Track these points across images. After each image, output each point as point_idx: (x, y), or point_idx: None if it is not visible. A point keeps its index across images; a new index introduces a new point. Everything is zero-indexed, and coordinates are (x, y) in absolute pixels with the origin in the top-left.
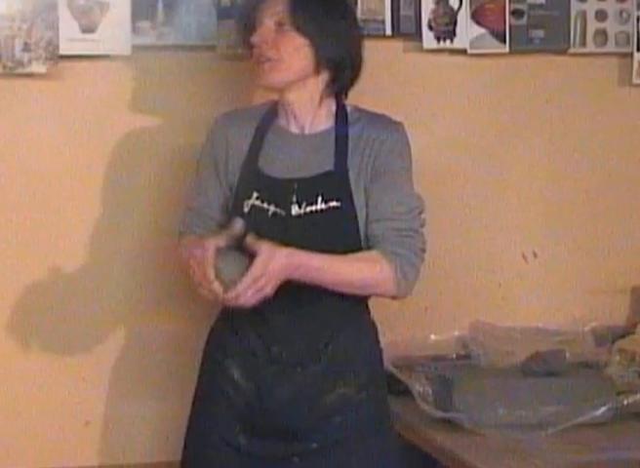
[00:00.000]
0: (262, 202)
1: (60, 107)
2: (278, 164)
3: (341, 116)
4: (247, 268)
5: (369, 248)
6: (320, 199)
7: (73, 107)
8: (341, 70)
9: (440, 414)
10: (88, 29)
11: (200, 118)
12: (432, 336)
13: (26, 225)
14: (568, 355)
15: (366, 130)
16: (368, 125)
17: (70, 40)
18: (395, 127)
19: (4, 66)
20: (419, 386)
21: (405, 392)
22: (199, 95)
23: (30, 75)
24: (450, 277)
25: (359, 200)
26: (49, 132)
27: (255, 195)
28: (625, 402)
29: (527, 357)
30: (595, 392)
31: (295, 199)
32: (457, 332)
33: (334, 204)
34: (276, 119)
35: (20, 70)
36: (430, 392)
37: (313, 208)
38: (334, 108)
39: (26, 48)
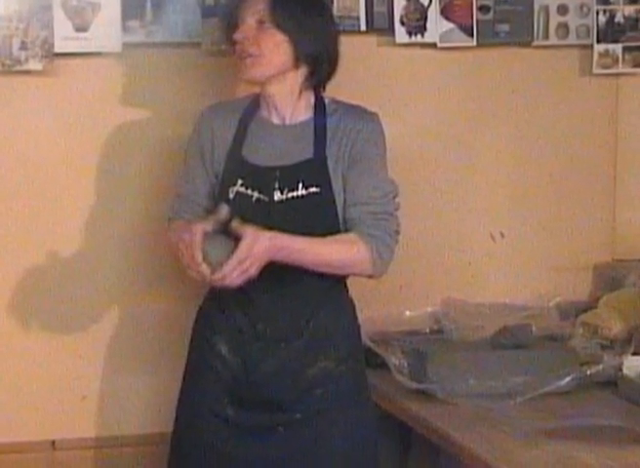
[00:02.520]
0: (247, 188)
1: (55, 102)
2: (261, 153)
3: (320, 107)
4: (233, 251)
5: (347, 230)
6: (301, 185)
7: (68, 102)
8: (319, 65)
9: (415, 386)
10: (81, 28)
11: (187, 111)
12: (407, 313)
13: (25, 213)
14: (534, 329)
15: (343, 120)
16: (345, 115)
17: (65, 38)
18: (370, 117)
19: (2, 64)
20: (394, 359)
21: (382, 365)
22: (186, 89)
23: (27, 72)
24: (422, 256)
25: (337, 186)
26: (45, 125)
27: (239, 182)
28: (588, 372)
29: (496, 331)
30: (560, 363)
31: (277, 185)
32: (429, 309)
33: (313, 190)
34: (259, 111)
35: (17, 68)
36: (405, 365)
37: (294, 193)
38: (313, 100)
39: (23, 46)
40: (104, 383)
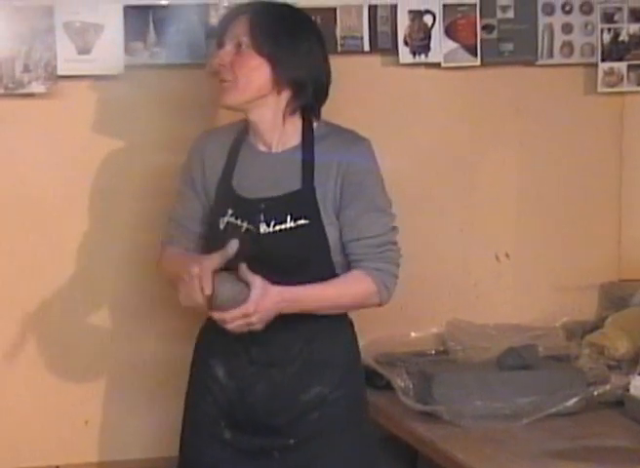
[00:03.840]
0: (237, 219)
1: (58, 125)
2: (249, 183)
3: (308, 133)
4: (240, 293)
5: (348, 263)
6: (289, 218)
7: (71, 125)
8: (303, 89)
9: (421, 407)
10: (84, 51)
11: (191, 133)
12: (412, 334)
13: (24, 235)
14: (540, 349)
15: (332, 147)
16: (334, 142)
17: (67, 61)
18: (362, 144)
19: (5, 87)
20: (400, 381)
21: (387, 386)
22: (190, 111)
23: (30, 95)
24: (428, 278)
25: (327, 216)
26: (47, 147)
27: (229, 212)
28: (595, 392)
29: (502, 352)
30: (567, 384)
31: (262, 218)
32: (435, 330)
33: (302, 222)
34: (248, 137)
35: (20, 90)
36: (411, 386)
37: (283, 226)
38: (300, 126)
39: (26, 69)
40: (107, 408)
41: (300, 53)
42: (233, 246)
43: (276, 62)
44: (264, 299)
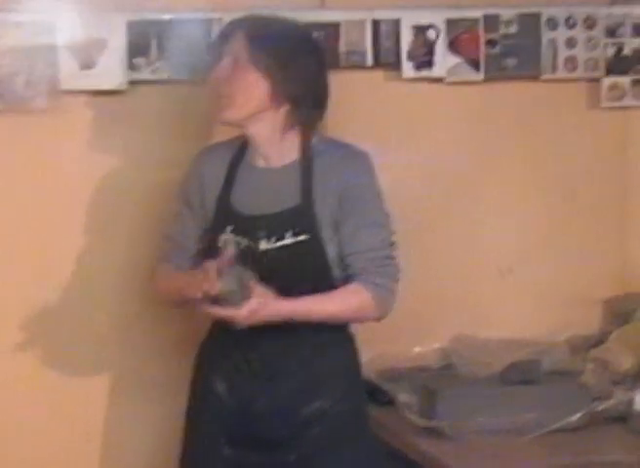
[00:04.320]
0: (236, 235)
1: (60, 140)
2: (247, 199)
3: (306, 148)
4: (245, 287)
5: (347, 277)
6: (288, 234)
7: (73, 140)
8: (301, 104)
9: (424, 423)
10: (86, 66)
11: (194, 150)
12: (416, 349)
13: (24, 250)
14: (544, 364)
15: (330, 162)
16: (333, 157)
17: (70, 76)
18: (361, 158)
19: (7, 103)
20: (403, 396)
21: (390, 402)
22: (193, 127)
23: (32, 110)
24: (431, 293)
25: (327, 231)
26: (50, 163)
27: (229, 229)
28: (599, 408)
29: (505, 367)
30: (571, 399)
31: (262, 234)
32: (438, 345)
33: (302, 238)
34: (246, 153)
35: (22, 106)
36: (414, 402)
37: (282, 242)
38: (298, 141)
39: (28, 84)
40: (108, 422)
41: (298, 68)
42: (229, 251)
43: (274, 78)
44: (260, 311)
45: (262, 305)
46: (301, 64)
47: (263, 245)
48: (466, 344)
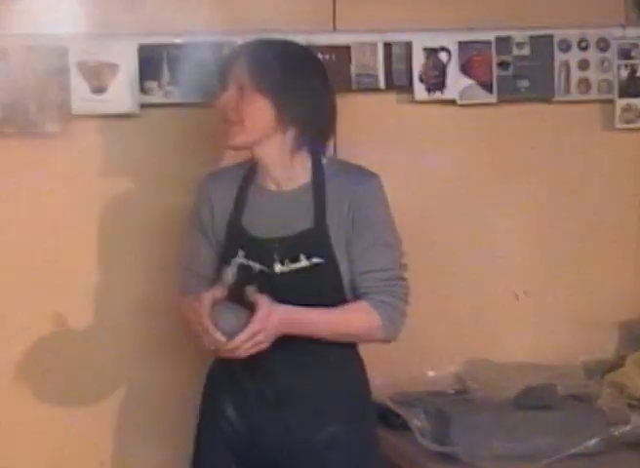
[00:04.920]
0: (248, 259)
1: (72, 165)
2: (260, 222)
3: (318, 171)
4: (244, 318)
5: (356, 297)
6: (303, 257)
7: (85, 164)
8: (308, 126)
9: (437, 448)
10: (98, 90)
11: (206, 173)
12: (429, 373)
13: (35, 278)
14: (559, 388)
15: (342, 184)
16: (344, 178)
17: (82, 100)
18: (371, 180)
19: (19, 126)
20: (417, 421)
21: (404, 426)
22: (205, 150)
23: (44, 135)
24: (445, 316)
25: (341, 254)
26: (62, 187)
27: (241, 253)
28: (616, 433)
29: (520, 391)
30: (587, 424)
31: (277, 257)
32: (453, 369)
33: (317, 260)
34: (256, 176)
35: (34, 130)
36: (428, 426)
37: (297, 265)
38: (309, 163)
39: (40, 109)
40: (121, 449)
41: (303, 90)
42: (229, 272)
43: (279, 102)
44: (270, 318)
45: (270, 312)
46: (305, 87)
47: (278, 268)
48: (481, 368)
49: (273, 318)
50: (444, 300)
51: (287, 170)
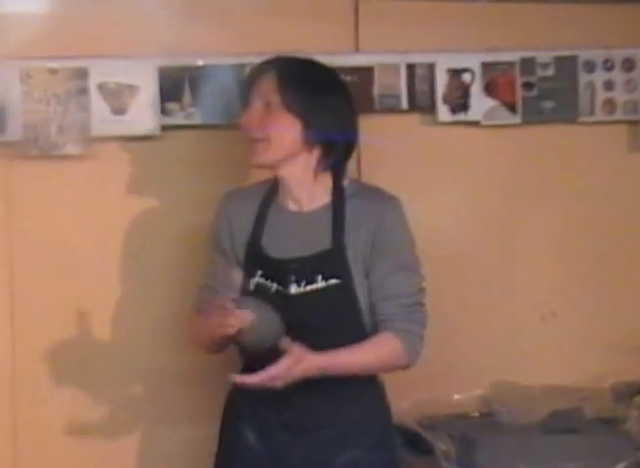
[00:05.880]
0: (266, 279)
1: (93, 186)
2: (278, 243)
3: (338, 192)
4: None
5: (375, 322)
6: (320, 277)
7: (106, 186)
8: (333, 146)
9: None
10: (119, 111)
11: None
12: (455, 396)
13: (58, 298)
14: (587, 411)
15: (362, 206)
16: (364, 201)
17: (102, 121)
18: (392, 203)
19: (40, 149)
20: (442, 444)
21: (430, 450)
22: (226, 172)
23: (65, 157)
24: (471, 338)
25: (358, 275)
26: (82, 209)
27: (259, 273)
28: None
29: (547, 414)
30: (614, 447)
31: (293, 278)
32: (479, 391)
33: (334, 281)
34: (276, 196)
35: (55, 152)
36: (453, 450)
37: (313, 286)
38: (330, 184)
39: (61, 131)
40: None
41: (330, 109)
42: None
43: (306, 119)
44: (296, 367)
45: (298, 360)
46: (333, 105)
47: (294, 289)
48: (507, 391)
49: (298, 368)
50: (470, 323)
51: (308, 190)
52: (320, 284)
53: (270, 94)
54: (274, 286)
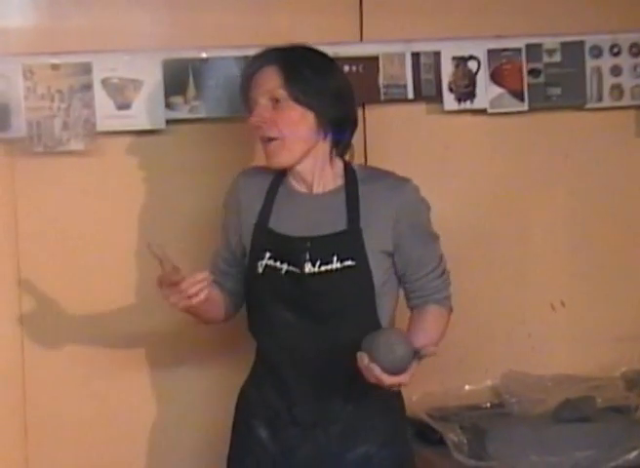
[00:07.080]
0: (275, 261)
1: (98, 181)
2: (289, 223)
3: (350, 175)
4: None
5: (411, 292)
6: (335, 258)
7: (111, 181)
8: (344, 129)
9: (474, 463)
10: (123, 106)
11: None
12: (466, 387)
13: (66, 292)
14: (599, 401)
15: (376, 189)
16: (378, 183)
17: (106, 117)
18: (406, 184)
19: (45, 145)
20: (453, 436)
21: (440, 441)
22: (231, 165)
23: (70, 152)
24: (481, 329)
25: (374, 258)
26: (88, 204)
27: (267, 255)
28: None
29: (558, 404)
30: (626, 436)
31: (308, 257)
32: (489, 382)
33: (349, 263)
34: (285, 179)
35: (59, 148)
36: (465, 441)
37: (328, 267)
38: (341, 168)
39: (65, 127)
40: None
41: (335, 93)
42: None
43: (318, 108)
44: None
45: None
46: (335, 86)
47: (308, 268)
48: (518, 381)
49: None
50: (480, 314)
51: (319, 174)
52: (335, 265)
53: (276, 89)
54: (285, 267)
